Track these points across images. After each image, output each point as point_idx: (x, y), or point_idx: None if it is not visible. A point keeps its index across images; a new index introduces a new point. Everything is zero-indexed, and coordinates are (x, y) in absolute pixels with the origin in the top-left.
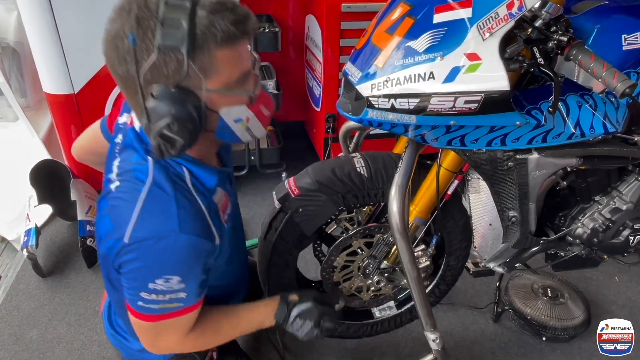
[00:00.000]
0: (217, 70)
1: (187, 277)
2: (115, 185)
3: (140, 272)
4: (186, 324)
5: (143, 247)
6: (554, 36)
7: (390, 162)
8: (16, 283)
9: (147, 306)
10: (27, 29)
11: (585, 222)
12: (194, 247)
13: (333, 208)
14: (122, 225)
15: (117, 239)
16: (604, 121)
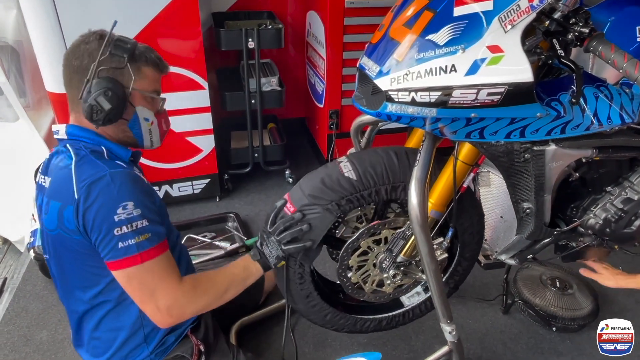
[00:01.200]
0: (142, 78)
1: (137, 201)
2: (48, 182)
3: (102, 211)
4: (170, 268)
5: (92, 191)
6: (574, 28)
7: (377, 158)
8: (23, 285)
9: (126, 245)
10: (30, 26)
11: (597, 213)
12: (127, 175)
13: (330, 217)
14: (66, 193)
15: (68, 206)
16: (620, 112)
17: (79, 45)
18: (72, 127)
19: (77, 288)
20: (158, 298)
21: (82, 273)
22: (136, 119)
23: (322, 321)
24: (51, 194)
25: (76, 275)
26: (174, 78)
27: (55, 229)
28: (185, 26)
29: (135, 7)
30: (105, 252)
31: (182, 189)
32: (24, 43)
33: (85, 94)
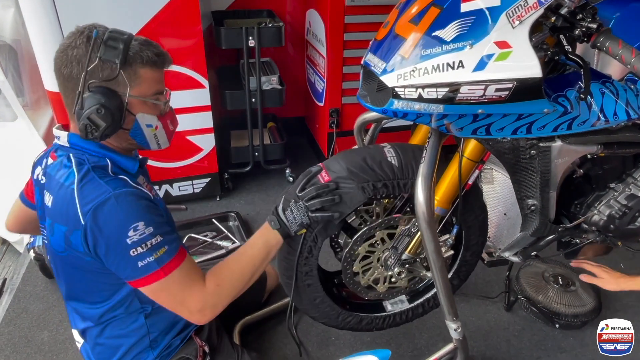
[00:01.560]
0: (139, 83)
1: (148, 219)
2: (50, 201)
3: (114, 237)
4: (193, 272)
5: (99, 216)
6: (581, 23)
7: (419, 154)
8: (22, 285)
9: (145, 263)
10: (29, 25)
11: (601, 209)
12: (132, 194)
13: (363, 196)
14: (71, 217)
15: (75, 231)
16: (626, 108)
17: (66, 50)
18: (75, 136)
19: (87, 303)
20: (188, 305)
21: (93, 291)
22: (138, 127)
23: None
24: (55, 215)
25: (87, 293)
26: (174, 76)
27: (63, 251)
28: (185, 24)
29: (135, 4)
30: (125, 274)
31: (182, 188)
32: (22, 42)
33: (77, 109)
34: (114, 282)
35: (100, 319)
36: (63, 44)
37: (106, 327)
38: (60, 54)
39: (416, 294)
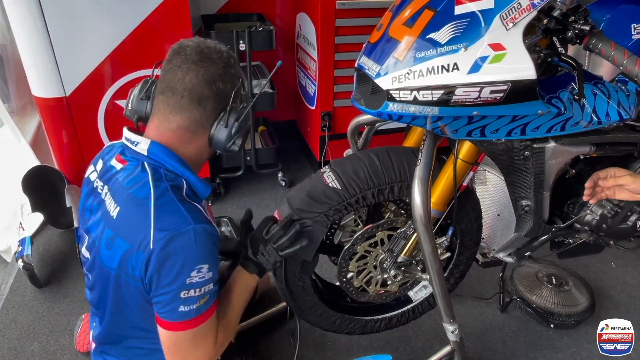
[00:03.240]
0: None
1: (212, 263)
2: (116, 211)
3: (175, 271)
4: (213, 326)
5: (171, 245)
6: (573, 25)
7: (359, 164)
8: (11, 295)
9: (187, 309)
10: (15, 30)
11: (593, 209)
12: (209, 234)
13: (322, 229)
14: (140, 237)
15: (138, 252)
16: (618, 109)
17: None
18: (157, 146)
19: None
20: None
21: (143, 315)
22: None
23: (333, 327)
24: (119, 230)
25: (135, 315)
26: None
27: (116, 268)
28: (175, 29)
29: (123, 9)
30: (161, 310)
31: None
32: (8, 47)
33: (219, 124)
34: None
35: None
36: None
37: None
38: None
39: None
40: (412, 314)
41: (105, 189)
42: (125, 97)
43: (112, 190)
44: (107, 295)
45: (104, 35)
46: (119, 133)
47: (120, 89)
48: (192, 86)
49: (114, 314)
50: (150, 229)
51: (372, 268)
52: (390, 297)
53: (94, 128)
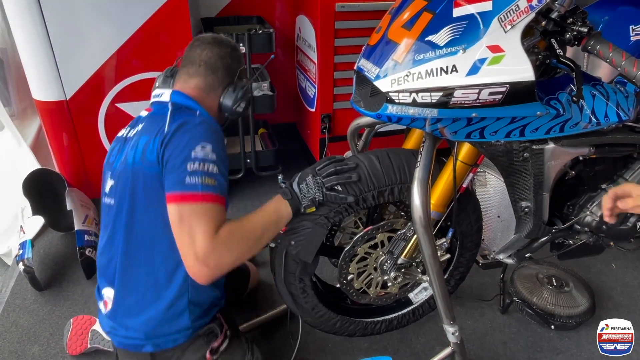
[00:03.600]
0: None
1: (216, 149)
2: (141, 126)
3: (182, 143)
4: (218, 215)
5: (181, 127)
6: (571, 27)
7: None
8: (12, 298)
9: (192, 181)
10: (16, 34)
11: (593, 210)
12: (215, 126)
13: (322, 230)
14: (157, 129)
15: (155, 139)
16: (616, 110)
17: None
18: (178, 93)
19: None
20: (199, 244)
21: (154, 222)
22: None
23: (333, 329)
24: (142, 132)
25: (145, 226)
26: None
27: (139, 161)
28: (175, 32)
29: (123, 13)
30: (170, 183)
31: None
32: (9, 51)
33: (228, 91)
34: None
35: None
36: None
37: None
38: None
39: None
40: (412, 316)
41: (132, 131)
42: (125, 100)
43: (135, 121)
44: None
45: (104, 39)
46: None
47: (121, 92)
48: (207, 58)
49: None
50: (166, 122)
51: (373, 270)
52: (390, 299)
53: (94, 131)
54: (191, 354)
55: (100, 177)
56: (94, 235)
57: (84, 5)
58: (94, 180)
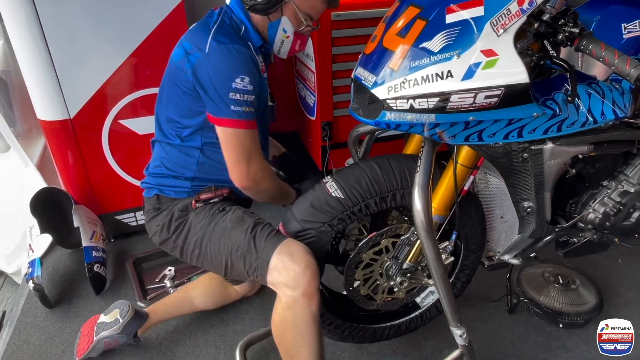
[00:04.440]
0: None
1: (254, 81)
2: (192, 27)
3: (223, 73)
4: (256, 138)
5: (222, 51)
6: (563, 28)
7: (360, 173)
8: (22, 317)
9: (237, 109)
10: (19, 56)
11: (596, 208)
12: (249, 55)
13: (326, 238)
14: (200, 43)
15: (196, 52)
16: (613, 107)
17: None
18: (236, 1)
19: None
20: (251, 162)
21: (179, 106)
22: (276, 25)
23: (341, 337)
24: (189, 35)
25: (172, 105)
26: None
27: (178, 62)
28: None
29: (123, 32)
30: (215, 108)
31: None
32: (12, 73)
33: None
34: (195, 106)
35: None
36: None
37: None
38: None
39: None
40: (420, 320)
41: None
42: (128, 116)
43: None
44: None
45: (105, 57)
46: (124, 152)
47: (123, 109)
48: None
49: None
50: (208, 37)
51: (378, 276)
52: (397, 304)
53: (98, 148)
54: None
55: (106, 193)
56: (101, 251)
57: (84, 26)
58: (100, 196)
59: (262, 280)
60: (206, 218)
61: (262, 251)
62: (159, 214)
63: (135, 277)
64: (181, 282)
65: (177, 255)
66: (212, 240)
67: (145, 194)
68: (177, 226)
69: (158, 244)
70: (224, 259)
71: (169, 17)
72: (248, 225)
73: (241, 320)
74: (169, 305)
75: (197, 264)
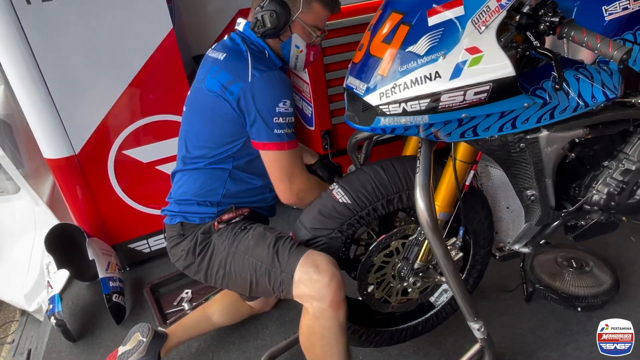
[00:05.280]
0: (308, 12)
1: (291, 103)
2: (222, 56)
3: (268, 99)
4: (300, 156)
5: (264, 79)
6: (544, 19)
7: (365, 177)
8: (48, 353)
9: (280, 132)
10: (21, 100)
11: (599, 189)
12: (285, 78)
13: (337, 244)
14: (241, 73)
15: (238, 81)
16: (602, 89)
17: None
18: (249, 24)
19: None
20: (294, 180)
21: (211, 134)
22: (288, 43)
23: (359, 342)
24: (225, 66)
25: (207, 131)
26: (168, 125)
27: (216, 92)
28: (170, 75)
29: (118, 65)
30: (260, 134)
31: None
32: (15, 116)
33: (257, 7)
34: (233, 133)
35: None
36: None
37: (195, 172)
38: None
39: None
40: (436, 320)
41: (214, 53)
42: (132, 146)
43: (218, 47)
44: (198, 112)
45: (104, 91)
46: (131, 182)
47: (126, 139)
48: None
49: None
50: (248, 67)
51: (391, 278)
52: (412, 305)
53: (106, 180)
54: (207, 224)
55: (117, 223)
56: (118, 280)
57: (80, 62)
58: (112, 227)
59: (288, 295)
60: (229, 238)
61: (286, 264)
62: (183, 239)
63: (154, 302)
64: (199, 303)
65: (201, 279)
66: (236, 258)
67: (168, 221)
68: (201, 249)
69: (182, 269)
70: (249, 276)
71: (161, 44)
72: (270, 241)
73: (261, 335)
74: (187, 325)
75: (222, 284)
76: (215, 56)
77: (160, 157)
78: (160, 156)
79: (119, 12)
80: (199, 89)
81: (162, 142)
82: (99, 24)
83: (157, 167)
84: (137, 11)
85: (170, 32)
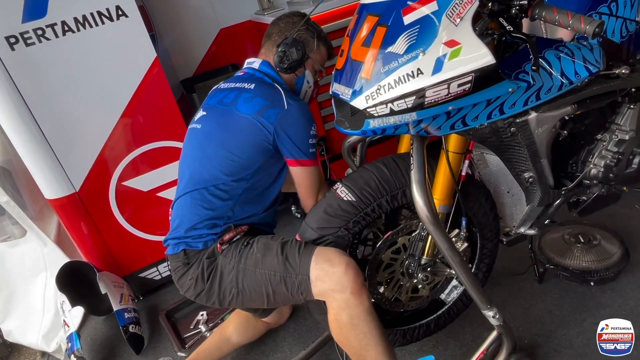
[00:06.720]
0: (317, 53)
1: (315, 127)
2: (251, 85)
3: (303, 126)
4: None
5: (300, 109)
6: (514, 3)
7: (368, 174)
8: None
9: (312, 151)
10: (17, 145)
11: (596, 162)
12: (307, 106)
13: (344, 242)
14: (277, 100)
15: (275, 108)
16: (585, 65)
17: (287, 17)
18: (266, 64)
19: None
20: (321, 191)
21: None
22: (302, 78)
23: None
24: (259, 93)
25: (220, 154)
26: (164, 152)
27: (250, 115)
28: (159, 101)
29: (107, 98)
30: (297, 153)
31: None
32: (13, 161)
33: (282, 44)
34: (251, 156)
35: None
36: (285, 15)
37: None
38: (283, 17)
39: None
40: (448, 316)
41: (232, 84)
42: (130, 177)
43: (235, 80)
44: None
45: (97, 126)
46: (134, 212)
47: (125, 170)
48: (268, 30)
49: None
50: (282, 97)
51: (400, 275)
52: (424, 302)
53: (109, 213)
54: (210, 248)
55: (125, 255)
56: (133, 311)
57: (70, 101)
58: (120, 259)
59: (308, 296)
60: (234, 257)
61: (299, 267)
62: (189, 268)
63: (171, 328)
64: (215, 323)
65: (215, 304)
66: (247, 275)
67: (170, 252)
68: (209, 273)
69: (193, 298)
70: (264, 288)
71: (147, 73)
72: (277, 249)
73: (281, 348)
74: (208, 350)
75: (237, 304)
76: (240, 86)
77: (160, 184)
78: (160, 183)
79: (103, 47)
80: (228, 110)
81: (160, 169)
82: (84, 61)
83: (158, 194)
84: (120, 43)
85: (155, 60)
